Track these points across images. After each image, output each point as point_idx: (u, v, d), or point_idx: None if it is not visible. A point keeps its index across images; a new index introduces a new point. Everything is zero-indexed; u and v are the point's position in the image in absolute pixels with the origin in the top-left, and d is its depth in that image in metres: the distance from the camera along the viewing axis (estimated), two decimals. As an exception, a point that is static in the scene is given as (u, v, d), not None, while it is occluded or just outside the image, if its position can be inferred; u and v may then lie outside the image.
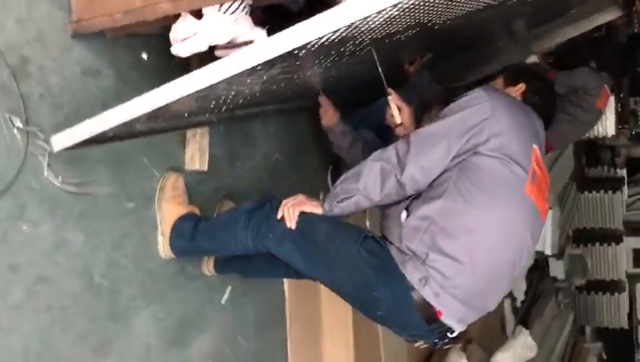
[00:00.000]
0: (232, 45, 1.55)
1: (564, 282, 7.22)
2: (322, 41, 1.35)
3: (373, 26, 1.46)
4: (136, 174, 1.89)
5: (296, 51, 1.31)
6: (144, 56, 1.91)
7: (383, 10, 1.26)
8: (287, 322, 2.55)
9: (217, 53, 1.60)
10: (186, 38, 1.53)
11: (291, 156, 2.68)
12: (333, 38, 1.38)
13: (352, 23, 1.24)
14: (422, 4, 1.47)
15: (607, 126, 7.36)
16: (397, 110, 1.99)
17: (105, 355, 1.74)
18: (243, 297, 2.31)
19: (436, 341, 1.68)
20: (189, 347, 2.05)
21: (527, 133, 1.63)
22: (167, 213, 1.92)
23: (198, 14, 1.53)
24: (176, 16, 1.54)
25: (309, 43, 1.28)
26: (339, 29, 1.26)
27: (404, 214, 1.64)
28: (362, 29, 1.45)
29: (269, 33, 1.60)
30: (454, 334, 1.65)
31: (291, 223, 1.70)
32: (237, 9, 1.49)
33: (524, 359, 4.37)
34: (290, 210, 1.71)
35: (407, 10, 1.44)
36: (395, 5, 1.24)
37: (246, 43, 1.55)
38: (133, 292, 1.85)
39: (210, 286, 2.16)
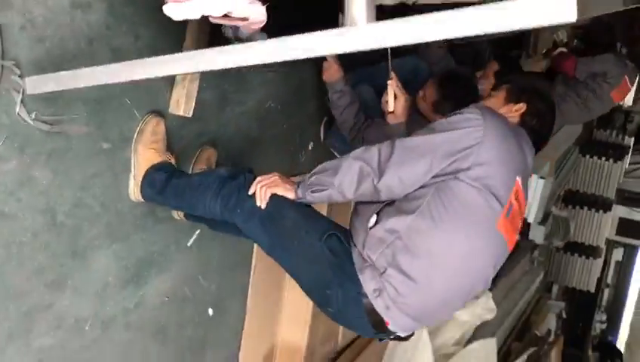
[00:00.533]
0: (227, 18, 1.44)
1: (544, 241, 7.32)
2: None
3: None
4: (116, 114, 1.83)
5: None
6: (142, -9, 1.79)
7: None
8: (252, 267, 2.59)
9: (212, 20, 1.49)
10: (178, 1, 1.43)
11: (286, 104, 2.60)
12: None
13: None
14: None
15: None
16: (393, 97, 1.91)
17: (59, 290, 1.76)
18: (211, 241, 2.32)
19: (382, 338, 1.72)
20: (146, 284, 2.08)
21: (514, 165, 1.57)
22: (141, 159, 1.88)
23: (196, -23, 1.41)
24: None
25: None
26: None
27: (373, 218, 1.61)
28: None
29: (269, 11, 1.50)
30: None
31: (262, 203, 1.67)
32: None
33: (481, 319, 4.49)
34: (262, 190, 1.68)
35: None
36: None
37: (242, 19, 1.44)
38: (97, 232, 1.85)
39: (178, 230, 2.16)
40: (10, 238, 1.60)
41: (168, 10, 1.46)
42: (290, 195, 1.68)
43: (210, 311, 2.42)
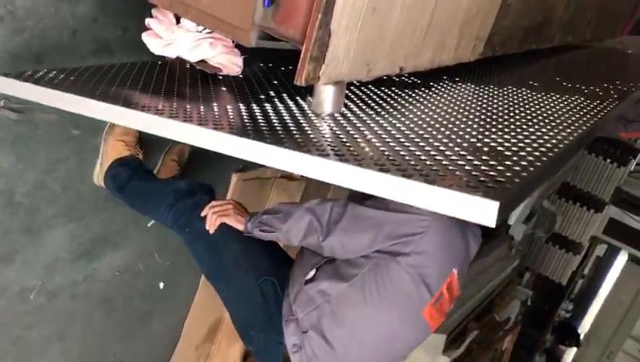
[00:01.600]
0: (203, 64, 1.43)
1: (529, 230, 7.38)
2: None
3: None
4: (91, 103, 1.83)
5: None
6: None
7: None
8: (211, 247, 2.65)
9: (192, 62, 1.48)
10: (158, 36, 1.41)
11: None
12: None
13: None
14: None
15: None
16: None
17: (7, 263, 1.82)
18: (172, 224, 2.37)
19: None
20: (99, 259, 2.14)
21: (453, 257, 1.58)
22: (110, 149, 1.90)
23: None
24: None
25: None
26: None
27: (312, 273, 1.64)
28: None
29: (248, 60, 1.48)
30: None
31: (210, 229, 1.71)
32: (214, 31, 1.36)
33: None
34: (214, 217, 1.71)
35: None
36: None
37: (216, 67, 1.43)
38: (55, 211, 1.89)
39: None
40: (-38, 216, 1.65)
41: (146, 40, 1.45)
42: (239, 227, 1.71)
43: (162, 285, 2.50)
